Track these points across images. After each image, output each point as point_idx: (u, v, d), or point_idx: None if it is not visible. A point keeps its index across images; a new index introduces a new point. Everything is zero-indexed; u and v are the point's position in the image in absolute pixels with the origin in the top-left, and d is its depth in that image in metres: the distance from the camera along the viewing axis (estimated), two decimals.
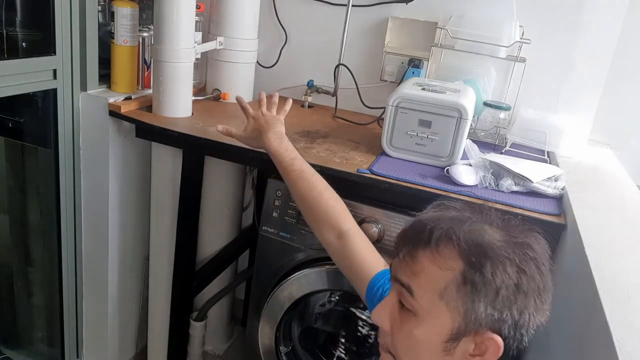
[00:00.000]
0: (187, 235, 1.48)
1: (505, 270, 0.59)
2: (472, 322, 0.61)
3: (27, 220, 1.65)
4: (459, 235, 0.61)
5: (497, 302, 0.60)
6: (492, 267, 0.59)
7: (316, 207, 1.03)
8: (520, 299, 0.60)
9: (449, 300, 0.61)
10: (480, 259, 0.60)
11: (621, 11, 1.38)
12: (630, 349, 0.60)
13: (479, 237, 0.61)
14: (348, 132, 1.46)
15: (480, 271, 0.59)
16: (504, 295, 0.59)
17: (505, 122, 1.43)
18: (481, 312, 0.60)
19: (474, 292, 0.60)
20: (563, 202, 1.10)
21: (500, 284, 0.59)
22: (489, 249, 0.60)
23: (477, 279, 0.60)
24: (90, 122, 1.42)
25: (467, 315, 0.61)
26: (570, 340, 0.81)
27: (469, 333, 0.62)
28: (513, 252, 0.60)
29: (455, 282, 0.61)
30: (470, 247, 0.61)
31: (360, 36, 1.64)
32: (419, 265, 0.63)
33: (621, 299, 0.71)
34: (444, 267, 0.62)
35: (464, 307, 0.61)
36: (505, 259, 0.60)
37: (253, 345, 1.38)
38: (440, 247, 0.62)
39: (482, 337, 0.61)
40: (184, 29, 1.33)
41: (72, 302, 1.60)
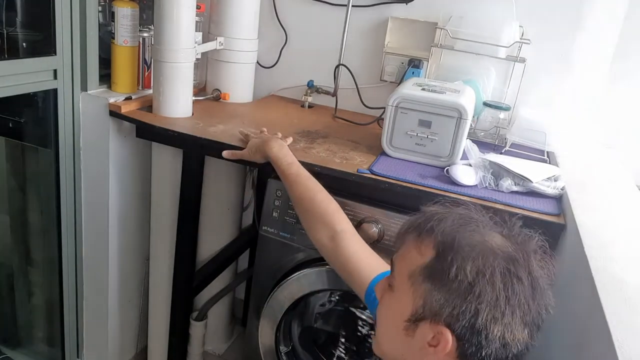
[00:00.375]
0: (187, 235, 1.48)
1: (464, 268, 0.62)
2: (429, 310, 0.64)
3: (27, 220, 1.65)
4: (442, 228, 0.65)
5: (451, 295, 0.62)
6: (454, 261, 0.62)
7: (310, 208, 1.06)
8: (472, 300, 0.61)
9: (414, 282, 0.66)
10: (447, 252, 0.63)
11: (621, 11, 1.39)
12: (630, 349, 0.60)
13: (461, 235, 0.64)
14: (348, 132, 1.47)
15: (443, 262, 0.63)
16: (456, 289, 0.62)
17: (505, 122, 1.43)
18: (437, 301, 0.63)
19: (434, 281, 0.64)
20: (563, 202, 1.10)
21: (454, 278, 0.62)
22: (461, 246, 0.63)
23: (438, 268, 0.64)
24: (90, 122, 1.42)
25: (425, 301, 0.65)
26: (570, 340, 0.81)
27: (426, 319, 0.65)
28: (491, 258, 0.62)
29: (423, 268, 0.65)
30: (445, 240, 0.64)
31: (360, 36, 1.64)
32: (404, 248, 0.70)
33: (621, 299, 0.71)
34: (421, 253, 0.67)
35: (425, 292, 0.65)
36: (469, 259, 0.62)
37: (253, 345, 1.38)
38: (424, 235, 0.67)
39: (437, 328, 0.64)
40: (184, 29, 1.33)
41: (72, 302, 1.60)
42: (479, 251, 0.62)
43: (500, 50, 1.40)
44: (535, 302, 0.63)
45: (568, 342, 0.82)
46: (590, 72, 1.45)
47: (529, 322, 0.63)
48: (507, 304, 0.61)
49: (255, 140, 1.21)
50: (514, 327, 0.62)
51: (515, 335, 0.62)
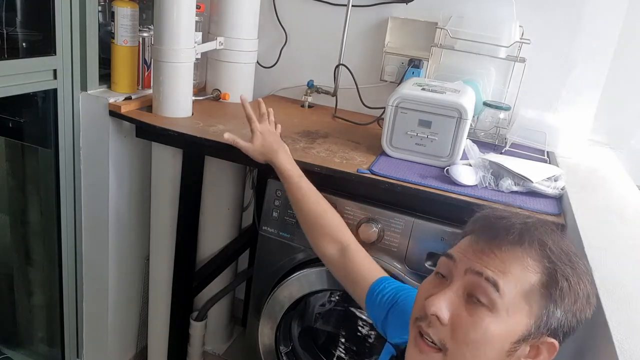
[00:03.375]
0: (187, 235, 1.48)
1: (582, 279, 0.63)
2: (543, 326, 0.63)
3: (27, 220, 1.65)
4: (547, 241, 0.63)
5: (573, 309, 0.63)
6: (575, 276, 0.62)
7: (320, 223, 1.08)
8: (589, 308, 0.64)
9: (532, 302, 0.62)
10: (566, 268, 0.62)
11: (621, 11, 1.39)
12: (630, 348, 0.60)
13: (565, 245, 0.64)
14: (348, 132, 1.47)
15: (567, 279, 0.62)
16: (580, 304, 0.63)
17: (505, 122, 1.43)
18: (557, 319, 0.62)
19: (556, 298, 0.62)
20: (563, 202, 1.10)
21: (579, 293, 0.62)
22: (570, 259, 0.63)
23: (560, 285, 0.61)
24: (90, 122, 1.42)
25: (541, 321, 0.62)
26: (571, 340, 0.81)
27: (536, 336, 0.63)
28: (583, 264, 0.65)
29: (539, 285, 0.62)
30: (560, 254, 0.63)
31: (360, 36, 1.64)
32: (507, 263, 0.63)
33: (621, 299, 0.71)
34: (531, 269, 0.62)
35: (542, 310, 0.62)
36: (582, 270, 0.63)
37: (253, 345, 1.38)
38: (530, 249, 0.63)
39: (540, 340, 0.64)
40: (184, 29, 1.33)
41: (72, 302, 1.60)
42: (579, 258, 0.64)
43: (500, 50, 1.40)
44: None
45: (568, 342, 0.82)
46: (590, 72, 1.45)
47: None
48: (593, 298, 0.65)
49: (262, 141, 1.18)
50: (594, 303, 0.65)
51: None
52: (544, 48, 1.46)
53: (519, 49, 1.42)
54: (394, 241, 1.17)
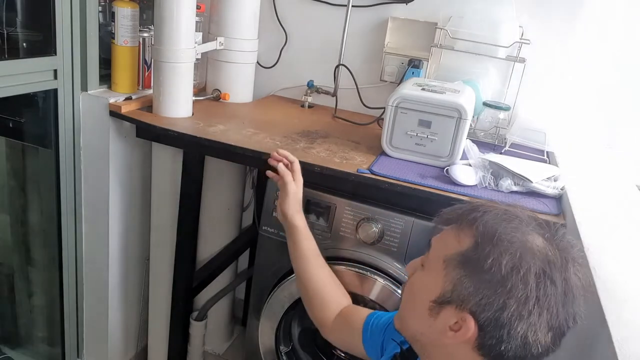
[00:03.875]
0: (187, 235, 1.48)
1: (500, 261, 0.62)
2: (457, 296, 0.65)
3: (27, 220, 1.65)
4: (485, 220, 0.66)
5: (481, 285, 0.63)
6: (491, 252, 0.63)
7: (319, 292, 1.08)
8: (502, 293, 0.62)
9: (448, 266, 0.67)
10: (486, 243, 0.64)
11: (621, 11, 1.38)
12: (630, 349, 0.60)
13: (502, 229, 0.64)
14: (348, 132, 1.47)
15: (480, 252, 0.64)
16: (487, 281, 0.62)
17: (505, 122, 1.43)
18: (467, 288, 0.64)
19: (467, 268, 0.65)
20: (563, 202, 1.10)
21: (488, 269, 0.62)
22: (500, 239, 0.63)
23: (474, 257, 0.64)
24: (90, 122, 1.42)
25: (455, 287, 0.66)
26: (570, 340, 0.81)
27: (452, 304, 0.66)
28: (529, 257, 0.62)
29: (459, 254, 0.66)
30: (486, 231, 0.65)
31: (360, 36, 1.64)
32: (445, 232, 0.72)
33: (621, 299, 0.71)
34: (460, 240, 0.68)
35: (456, 278, 0.66)
36: (507, 253, 0.62)
37: (253, 345, 1.38)
38: (466, 224, 0.68)
39: (462, 314, 0.65)
40: (184, 30, 1.33)
41: (72, 302, 1.60)
42: (518, 247, 0.63)
43: (500, 50, 1.40)
44: (565, 308, 0.63)
45: (568, 342, 0.82)
46: (590, 72, 1.45)
47: (555, 326, 0.63)
48: (537, 304, 0.61)
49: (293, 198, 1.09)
50: (538, 329, 0.62)
51: (538, 336, 0.62)
52: (544, 48, 1.46)
53: (519, 49, 1.42)
54: (394, 241, 1.17)
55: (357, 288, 1.20)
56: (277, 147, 1.24)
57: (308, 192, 1.25)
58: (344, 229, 1.22)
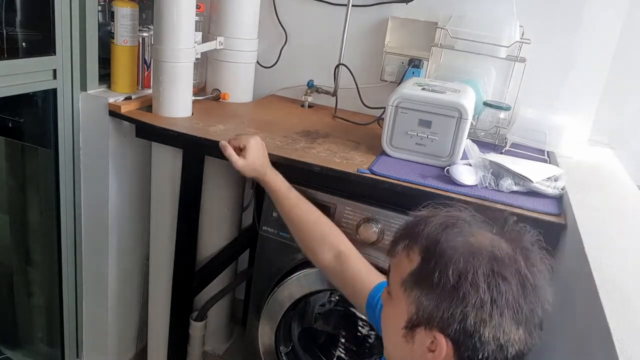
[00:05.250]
0: (187, 235, 1.48)
1: (446, 271, 0.61)
2: (422, 316, 0.64)
3: (27, 220, 1.64)
4: (427, 232, 0.65)
5: (439, 300, 0.62)
6: (437, 265, 0.62)
7: (313, 230, 1.08)
8: (458, 303, 0.61)
9: (407, 289, 0.67)
10: (430, 256, 0.64)
11: (621, 11, 1.38)
12: (630, 349, 0.60)
13: (444, 237, 0.64)
14: (348, 132, 1.46)
15: (427, 268, 0.63)
16: (441, 294, 0.62)
17: (505, 122, 1.43)
18: (427, 307, 0.63)
19: (421, 286, 0.64)
20: (563, 202, 1.10)
21: (438, 282, 0.62)
22: (443, 249, 0.63)
23: (423, 274, 0.64)
24: (90, 122, 1.42)
25: (418, 308, 0.65)
26: (570, 340, 0.81)
27: (421, 325, 0.65)
28: (473, 259, 0.61)
29: (411, 274, 0.66)
30: (429, 244, 0.64)
31: (360, 36, 1.64)
32: (397, 257, 0.70)
33: (621, 299, 0.71)
34: (410, 259, 0.67)
35: (416, 299, 0.65)
36: (451, 262, 0.61)
37: (253, 345, 1.38)
38: (412, 241, 0.67)
39: (432, 333, 0.64)
40: (184, 29, 1.33)
41: (72, 302, 1.60)
42: (461, 253, 0.62)
43: (500, 50, 1.40)
44: (527, 300, 0.62)
45: (568, 342, 0.82)
46: (591, 72, 1.45)
47: (522, 320, 0.62)
48: (494, 305, 0.60)
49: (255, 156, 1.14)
50: (506, 328, 0.61)
51: (509, 335, 0.61)
52: (544, 48, 1.45)
53: (519, 48, 1.42)
54: None
55: None
56: (278, 147, 1.24)
57: (308, 192, 1.25)
58: (344, 229, 1.22)
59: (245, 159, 1.13)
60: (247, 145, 1.13)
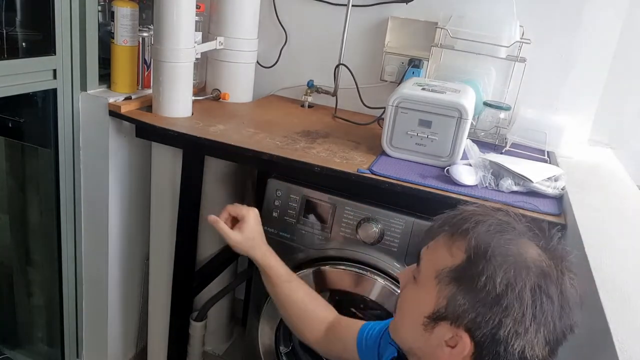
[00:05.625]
0: (187, 235, 1.48)
1: (495, 278, 0.60)
2: (452, 312, 0.63)
3: (27, 220, 1.64)
4: (478, 232, 0.64)
5: (476, 303, 0.61)
6: (485, 269, 0.61)
7: (302, 309, 1.04)
8: (498, 311, 0.60)
9: (441, 282, 0.65)
10: (479, 258, 0.62)
11: (621, 11, 1.38)
12: (630, 349, 0.60)
13: (496, 242, 0.62)
14: (348, 132, 1.46)
15: (473, 268, 0.62)
16: (483, 298, 0.61)
17: (505, 122, 1.43)
18: (461, 305, 0.62)
19: (461, 285, 0.63)
20: (563, 202, 1.10)
21: (482, 287, 0.60)
22: (494, 255, 0.61)
23: (467, 274, 0.62)
24: (90, 122, 1.42)
25: (449, 303, 0.64)
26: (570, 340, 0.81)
27: (447, 320, 0.64)
28: (524, 272, 0.60)
29: (452, 269, 0.64)
30: (479, 245, 0.62)
31: (360, 36, 1.64)
32: (435, 243, 0.69)
33: (621, 299, 0.71)
34: (452, 253, 0.65)
35: (450, 294, 0.64)
36: (501, 270, 0.60)
37: (253, 345, 1.38)
38: (458, 236, 0.66)
39: (457, 331, 0.63)
40: (184, 29, 1.33)
41: (72, 302, 1.60)
42: (512, 263, 0.60)
43: (500, 50, 1.40)
44: (562, 321, 0.61)
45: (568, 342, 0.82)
46: (591, 72, 1.45)
47: (552, 340, 0.61)
48: (533, 321, 0.60)
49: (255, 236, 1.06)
50: (535, 344, 0.61)
51: (535, 351, 0.61)
52: (544, 48, 1.45)
53: (519, 48, 1.42)
54: (394, 241, 1.17)
55: (357, 288, 1.20)
56: (278, 147, 1.24)
57: (308, 192, 1.25)
58: (344, 229, 1.22)
59: (241, 233, 1.03)
60: (246, 218, 1.04)
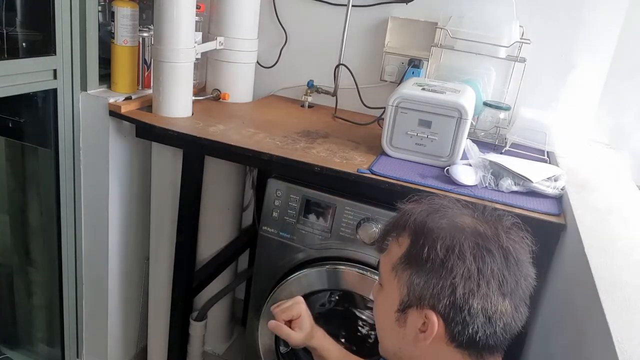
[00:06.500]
0: (187, 235, 1.48)
1: (435, 247, 0.65)
2: (413, 295, 0.67)
3: (27, 220, 1.65)
4: (414, 218, 0.70)
5: (428, 276, 0.66)
6: (425, 243, 0.66)
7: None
8: (447, 275, 0.64)
9: (397, 272, 0.70)
10: (419, 236, 0.68)
11: (621, 11, 1.38)
12: (630, 349, 0.60)
13: (430, 219, 0.68)
14: (348, 132, 1.46)
15: (416, 246, 0.67)
16: (430, 269, 0.65)
17: (505, 122, 1.43)
18: (418, 284, 0.66)
19: (412, 266, 0.68)
20: (563, 202, 1.10)
21: (427, 258, 0.65)
22: (430, 228, 0.67)
23: (413, 253, 0.68)
24: (90, 122, 1.42)
25: (409, 288, 0.68)
26: (571, 340, 0.81)
27: (412, 306, 0.68)
28: (460, 235, 0.65)
29: (402, 256, 0.69)
30: (416, 227, 0.69)
31: (360, 36, 1.64)
32: (390, 245, 0.74)
33: (621, 299, 0.71)
34: (399, 245, 0.71)
35: (407, 279, 0.68)
36: (439, 238, 0.65)
37: (253, 345, 1.38)
38: (400, 230, 0.71)
39: (423, 312, 0.66)
40: (184, 29, 1.33)
41: (72, 302, 1.60)
42: (447, 230, 0.66)
43: (500, 50, 1.40)
44: (511, 271, 0.65)
45: (568, 342, 0.82)
46: (590, 72, 1.45)
47: (508, 292, 0.65)
48: (480, 275, 0.64)
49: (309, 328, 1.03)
50: (493, 298, 0.64)
51: (496, 306, 0.64)
52: (544, 48, 1.46)
53: (519, 49, 1.42)
54: None
55: (357, 288, 1.20)
56: (278, 147, 1.24)
57: (308, 192, 1.25)
58: (344, 229, 1.22)
59: (302, 331, 1.01)
60: (302, 315, 1.01)
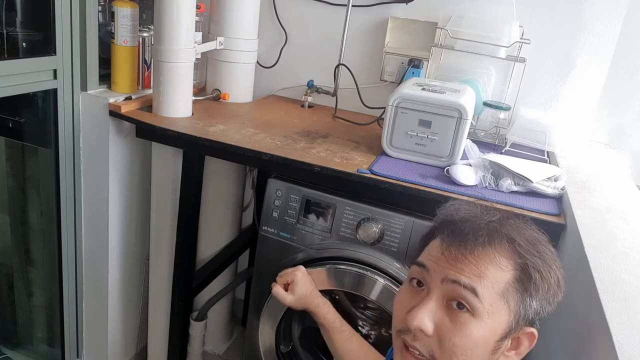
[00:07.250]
0: (187, 235, 1.48)
1: (552, 267, 0.65)
2: (521, 319, 0.65)
3: (27, 220, 1.65)
4: (514, 237, 0.65)
5: (547, 297, 0.65)
6: (546, 265, 0.65)
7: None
8: (560, 292, 0.66)
9: (509, 299, 0.64)
10: (536, 259, 0.64)
11: (621, 11, 1.38)
12: (630, 349, 0.60)
13: (531, 236, 0.66)
14: (348, 132, 1.46)
15: (538, 270, 0.64)
16: (553, 290, 0.65)
17: (505, 122, 1.43)
18: (534, 308, 0.65)
19: (531, 290, 0.64)
20: (563, 202, 1.10)
21: (550, 281, 0.65)
22: (540, 248, 0.66)
23: (536, 277, 0.64)
24: (90, 122, 1.42)
25: (518, 313, 0.65)
26: (571, 340, 0.81)
27: (516, 329, 0.66)
28: (550, 250, 0.67)
29: (513, 281, 0.64)
30: (528, 247, 0.65)
31: (360, 36, 1.64)
32: (481, 266, 0.64)
33: (621, 299, 0.71)
34: (504, 267, 0.64)
35: (519, 305, 0.64)
36: (550, 257, 0.66)
37: (253, 345, 1.38)
38: (500, 248, 0.65)
39: (520, 332, 0.66)
40: (184, 29, 1.33)
41: (72, 302, 1.60)
42: (544, 243, 0.67)
43: (500, 50, 1.40)
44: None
45: (568, 341, 0.82)
46: (591, 72, 1.45)
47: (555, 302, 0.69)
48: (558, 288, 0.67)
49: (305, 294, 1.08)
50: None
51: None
52: (544, 48, 1.46)
53: (519, 49, 1.42)
54: (394, 241, 1.17)
55: (357, 288, 1.20)
56: (278, 147, 1.24)
57: (308, 192, 1.25)
58: (344, 229, 1.22)
59: (293, 294, 1.07)
60: (295, 280, 1.08)
